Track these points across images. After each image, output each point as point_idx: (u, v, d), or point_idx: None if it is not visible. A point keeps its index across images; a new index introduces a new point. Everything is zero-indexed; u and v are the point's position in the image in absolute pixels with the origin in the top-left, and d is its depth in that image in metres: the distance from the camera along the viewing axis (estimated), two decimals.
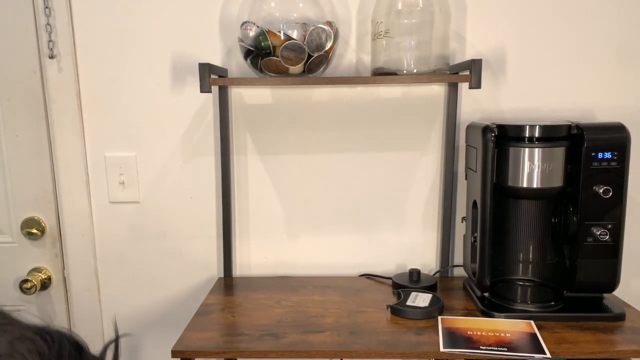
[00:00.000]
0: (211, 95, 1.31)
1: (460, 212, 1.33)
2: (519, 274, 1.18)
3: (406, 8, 1.14)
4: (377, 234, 1.38)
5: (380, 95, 1.31)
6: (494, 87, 1.30)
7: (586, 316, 1.05)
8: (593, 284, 1.08)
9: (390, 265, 1.39)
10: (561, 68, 1.28)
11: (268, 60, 1.12)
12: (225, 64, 1.29)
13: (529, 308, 1.08)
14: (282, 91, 1.32)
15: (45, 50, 1.28)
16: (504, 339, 0.97)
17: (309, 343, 0.97)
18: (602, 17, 1.26)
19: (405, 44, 1.13)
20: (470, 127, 1.18)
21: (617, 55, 1.28)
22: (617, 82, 1.29)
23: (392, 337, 0.99)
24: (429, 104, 1.31)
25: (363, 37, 1.28)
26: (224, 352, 0.95)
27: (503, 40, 1.28)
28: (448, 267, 1.34)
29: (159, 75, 1.30)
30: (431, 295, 1.14)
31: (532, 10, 1.26)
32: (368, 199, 1.36)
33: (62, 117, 1.31)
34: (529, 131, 1.05)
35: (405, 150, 1.34)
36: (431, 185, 1.35)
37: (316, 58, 1.12)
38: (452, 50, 1.26)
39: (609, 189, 1.02)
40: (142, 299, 1.41)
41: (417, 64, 1.14)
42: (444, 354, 0.93)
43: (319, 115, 1.32)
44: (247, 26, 1.13)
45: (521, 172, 1.05)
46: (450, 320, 1.05)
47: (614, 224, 1.05)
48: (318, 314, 1.10)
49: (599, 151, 1.03)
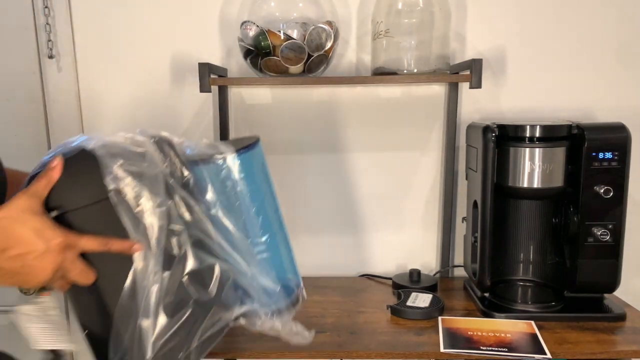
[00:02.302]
0: (211, 95, 1.31)
1: (461, 212, 1.32)
2: (519, 274, 1.18)
3: (406, 8, 1.14)
4: (377, 234, 1.38)
5: (380, 95, 1.31)
6: (495, 87, 1.29)
7: (587, 316, 1.04)
8: (593, 284, 1.08)
9: (390, 265, 1.38)
10: (561, 68, 1.28)
11: (268, 60, 1.11)
12: (225, 63, 1.29)
13: (529, 308, 1.08)
14: (282, 91, 1.31)
15: (44, 50, 1.27)
16: (505, 339, 0.96)
17: (308, 343, 0.97)
18: (602, 17, 1.26)
19: (405, 44, 1.13)
20: (471, 127, 1.18)
21: (617, 55, 1.28)
22: (617, 82, 1.29)
23: (392, 337, 0.99)
24: (429, 104, 1.31)
25: (363, 37, 1.28)
26: (224, 352, 0.95)
27: (503, 40, 1.28)
28: (448, 268, 1.34)
29: (159, 75, 1.30)
30: (431, 295, 1.14)
31: (532, 10, 1.26)
32: (368, 199, 1.36)
33: (61, 117, 1.31)
34: (530, 131, 1.04)
35: (405, 150, 1.33)
36: (431, 185, 1.35)
37: (316, 58, 1.12)
38: (452, 50, 1.26)
39: (609, 189, 1.02)
40: None
41: (417, 63, 1.14)
42: (444, 354, 0.92)
43: (319, 115, 1.32)
44: (247, 26, 1.13)
45: (522, 172, 1.05)
46: (450, 320, 1.05)
47: (614, 224, 1.04)
48: (318, 314, 1.10)
49: (599, 151, 1.02)
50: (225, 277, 0.66)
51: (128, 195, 0.59)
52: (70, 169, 0.59)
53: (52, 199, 0.59)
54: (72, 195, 0.59)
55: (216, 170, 0.67)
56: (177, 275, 0.62)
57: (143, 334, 0.60)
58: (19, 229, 0.56)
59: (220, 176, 0.67)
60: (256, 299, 0.69)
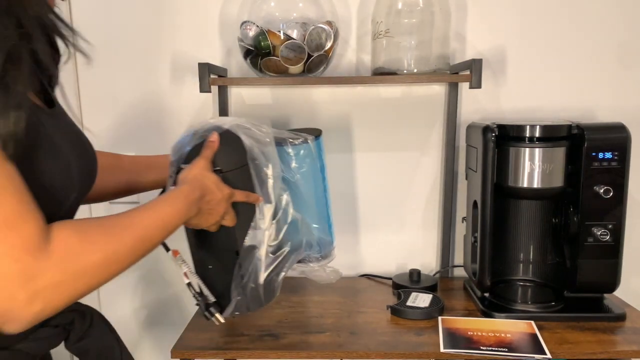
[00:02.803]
0: (211, 95, 1.31)
1: (461, 212, 1.32)
2: (519, 274, 1.18)
3: (406, 8, 1.14)
4: (377, 234, 1.38)
5: (380, 95, 1.31)
6: (495, 87, 1.29)
7: (587, 316, 1.04)
8: (593, 284, 1.08)
9: (390, 265, 1.38)
10: (561, 68, 1.28)
11: (268, 60, 1.11)
12: (225, 63, 1.29)
13: (529, 308, 1.08)
14: (282, 91, 1.31)
15: None
16: (505, 339, 0.96)
17: (308, 343, 0.97)
18: (603, 17, 1.26)
19: (405, 44, 1.13)
20: (471, 127, 1.18)
21: (617, 55, 1.28)
22: (617, 82, 1.29)
23: (392, 337, 0.99)
24: (429, 104, 1.31)
25: (363, 37, 1.28)
26: (224, 352, 0.95)
27: (503, 40, 1.28)
28: (448, 268, 1.34)
29: (159, 75, 1.30)
30: (431, 295, 1.14)
31: (532, 10, 1.26)
32: (368, 199, 1.36)
33: None
34: (530, 131, 1.04)
35: (405, 150, 1.33)
36: (431, 185, 1.35)
37: (316, 58, 1.12)
38: (452, 50, 1.26)
39: (609, 189, 1.02)
40: (142, 299, 1.41)
41: (417, 63, 1.14)
42: (444, 354, 0.92)
43: (319, 115, 1.32)
44: (247, 26, 1.13)
45: (522, 172, 1.05)
46: (450, 320, 1.05)
47: (614, 224, 1.04)
48: (318, 314, 1.10)
49: (599, 151, 1.02)
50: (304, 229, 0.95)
51: (258, 163, 0.83)
52: (222, 142, 0.81)
53: (212, 163, 0.80)
54: (225, 161, 0.80)
55: (302, 149, 0.94)
56: (280, 224, 0.89)
57: (259, 265, 0.86)
58: (206, 181, 0.75)
59: (301, 154, 0.94)
60: (313, 247, 0.97)
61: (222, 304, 0.86)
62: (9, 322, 0.49)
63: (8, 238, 0.47)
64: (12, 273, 0.47)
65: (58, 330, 0.65)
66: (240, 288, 0.87)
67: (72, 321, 0.67)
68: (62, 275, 0.50)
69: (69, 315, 0.67)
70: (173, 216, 0.68)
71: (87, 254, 0.53)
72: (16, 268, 0.47)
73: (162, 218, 0.65)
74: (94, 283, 0.55)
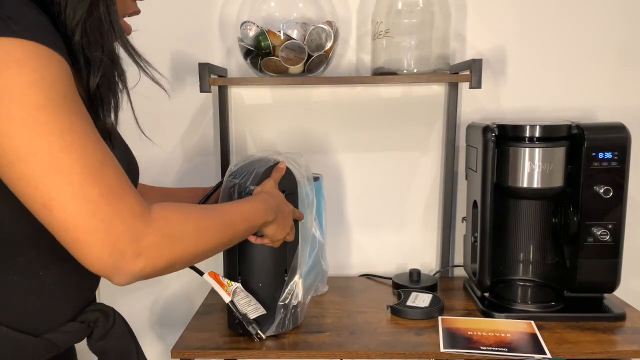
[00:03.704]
0: (211, 95, 1.31)
1: (461, 212, 1.32)
2: (519, 274, 1.18)
3: (406, 8, 1.14)
4: (377, 234, 1.38)
5: (380, 95, 1.31)
6: (494, 87, 1.29)
7: (586, 316, 1.04)
8: (593, 284, 1.08)
9: (390, 265, 1.38)
10: (561, 68, 1.28)
11: (268, 60, 1.11)
12: (225, 63, 1.29)
13: (529, 308, 1.08)
14: (282, 91, 1.31)
15: None
16: (504, 339, 0.96)
17: (308, 343, 0.97)
18: (602, 17, 1.26)
19: (405, 44, 1.13)
20: (471, 127, 1.18)
21: (617, 55, 1.28)
22: (617, 82, 1.29)
23: (392, 337, 0.99)
24: (429, 104, 1.31)
25: (363, 37, 1.28)
26: (224, 352, 0.95)
27: (503, 40, 1.28)
28: (448, 267, 1.34)
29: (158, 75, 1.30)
30: (431, 295, 1.14)
31: (532, 10, 1.26)
32: (368, 199, 1.36)
33: None
34: (529, 131, 1.04)
35: (405, 150, 1.33)
36: (431, 185, 1.35)
37: (316, 58, 1.12)
38: (452, 50, 1.26)
39: (609, 189, 1.02)
40: (141, 299, 1.41)
41: (417, 63, 1.14)
42: (444, 354, 0.92)
43: (319, 115, 1.32)
44: (247, 26, 1.13)
45: (521, 172, 1.05)
46: (450, 320, 1.05)
47: (614, 224, 1.04)
48: (318, 314, 1.10)
49: (599, 151, 1.02)
50: (322, 256, 1.15)
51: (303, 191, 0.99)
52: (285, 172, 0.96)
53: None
54: (286, 184, 0.94)
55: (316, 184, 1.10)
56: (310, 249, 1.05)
57: (300, 285, 0.98)
58: (278, 198, 0.86)
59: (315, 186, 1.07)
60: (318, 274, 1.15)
61: (261, 321, 0.94)
62: (118, 275, 0.54)
63: (116, 203, 0.53)
64: (122, 232, 0.52)
65: (83, 326, 0.69)
66: (284, 306, 0.96)
67: (96, 319, 0.70)
68: (162, 239, 0.56)
69: (95, 314, 0.70)
70: (254, 213, 0.78)
71: (183, 224, 0.60)
72: (125, 228, 0.52)
73: (246, 211, 0.76)
74: (189, 252, 0.61)
